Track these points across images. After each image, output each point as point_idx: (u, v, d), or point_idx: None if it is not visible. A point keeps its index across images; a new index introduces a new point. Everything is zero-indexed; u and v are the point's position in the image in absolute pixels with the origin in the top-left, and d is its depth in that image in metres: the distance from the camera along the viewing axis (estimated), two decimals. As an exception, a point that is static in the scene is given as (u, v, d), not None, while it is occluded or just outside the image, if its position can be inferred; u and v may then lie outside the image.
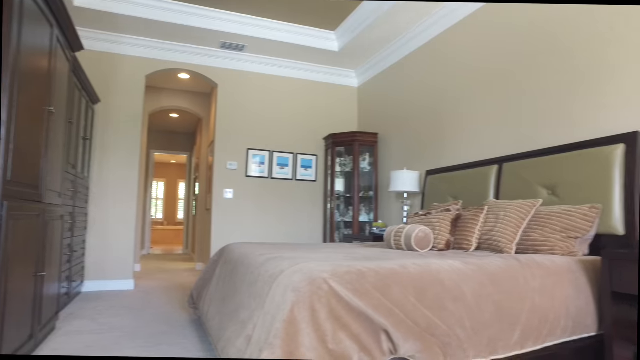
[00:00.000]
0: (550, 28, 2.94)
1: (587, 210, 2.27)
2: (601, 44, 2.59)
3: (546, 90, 2.94)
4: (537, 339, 1.87)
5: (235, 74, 5.25)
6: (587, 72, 2.67)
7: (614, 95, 2.50)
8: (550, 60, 2.92)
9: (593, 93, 2.62)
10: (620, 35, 2.49)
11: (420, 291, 1.62)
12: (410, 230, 2.56)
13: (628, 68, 2.43)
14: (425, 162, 4.20)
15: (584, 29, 2.70)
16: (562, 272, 2.03)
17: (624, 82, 2.45)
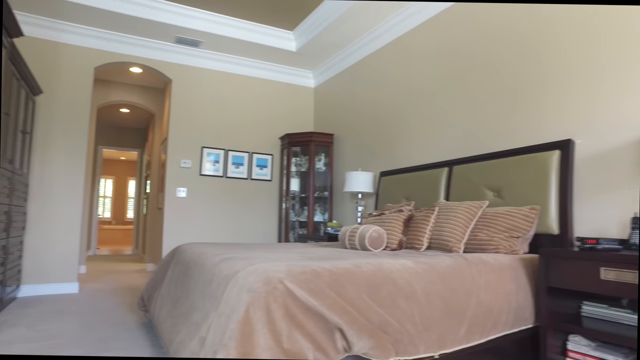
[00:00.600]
0: (497, 40, 3.11)
1: (528, 211, 2.43)
2: (539, 59, 2.78)
3: (493, 98, 3.11)
4: (482, 333, 1.98)
5: (191, 70, 5.13)
6: (527, 83, 2.85)
7: (552, 105, 2.69)
8: (498, 70, 3.09)
9: (534, 103, 2.80)
10: (554, 52, 2.68)
11: (374, 290, 1.67)
12: (364, 231, 2.62)
13: (562, 81, 2.63)
14: (379, 163, 4.30)
15: (526, 44, 2.89)
16: (504, 269, 2.16)
17: (559, 94, 2.65)
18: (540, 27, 2.82)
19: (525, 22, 2.92)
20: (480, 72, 3.23)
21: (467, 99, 3.33)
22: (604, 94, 2.43)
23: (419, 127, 3.83)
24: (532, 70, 2.84)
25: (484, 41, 3.22)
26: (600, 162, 2.42)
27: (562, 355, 2.10)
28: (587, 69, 2.53)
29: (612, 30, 2.43)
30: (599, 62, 2.47)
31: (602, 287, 1.88)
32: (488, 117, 3.14)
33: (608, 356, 1.95)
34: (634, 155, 2.28)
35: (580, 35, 2.58)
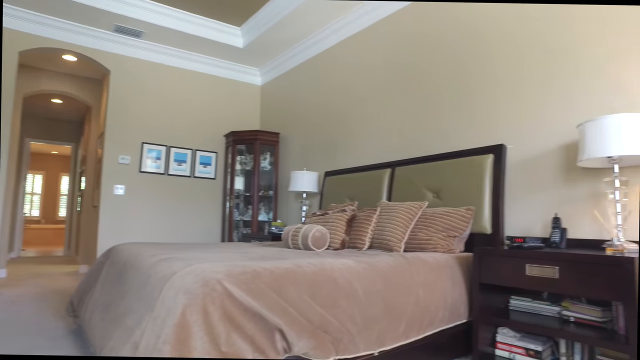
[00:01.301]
0: (435, 51, 3.25)
1: (464, 212, 2.55)
2: (472, 70, 2.94)
3: (433, 103, 3.24)
4: (420, 329, 2.05)
5: (131, 62, 4.88)
6: (463, 91, 3.01)
7: (487, 112, 2.85)
8: (436, 78, 3.24)
9: (469, 109, 2.96)
10: (485, 64, 2.84)
11: (315, 289, 1.67)
12: (307, 230, 2.63)
13: (493, 91, 2.81)
14: (324, 163, 4.34)
15: (460, 56, 3.04)
16: (442, 267, 2.25)
17: (492, 102, 2.82)
18: (472, 39, 3.00)
19: (459, 35, 3.08)
20: (421, 78, 3.36)
21: (410, 103, 3.44)
22: (530, 104, 2.62)
23: (363, 129, 3.90)
24: (466, 79, 3.00)
25: (424, 50, 3.35)
26: (528, 167, 2.60)
27: (492, 347, 2.22)
28: (515, 80, 2.72)
29: (534, 46, 2.61)
30: (523, 76, 2.67)
31: (527, 282, 2.01)
32: (429, 122, 3.26)
33: (530, 345, 2.11)
34: (556, 161, 2.47)
35: (507, 50, 2.77)
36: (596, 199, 2.28)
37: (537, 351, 2.08)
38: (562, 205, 2.40)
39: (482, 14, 2.96)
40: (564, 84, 2.48)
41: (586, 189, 2.33)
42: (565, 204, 2.40)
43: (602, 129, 2.00)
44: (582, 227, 2.32)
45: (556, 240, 2.24)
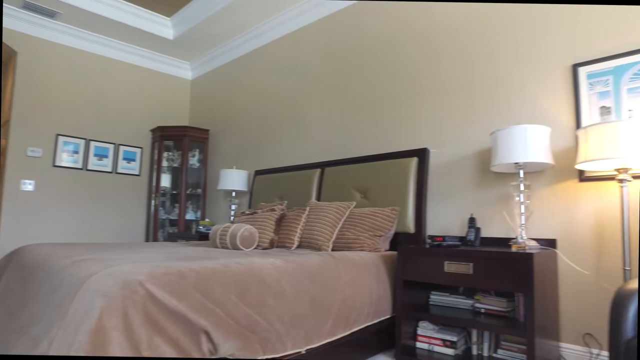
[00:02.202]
0: (369, 56, 3.36)
1: (389, 212, 2.66)
2: (402, 77, 3.09)
3: (362, 106, 3.35)
4: (346, 326, 2.10)
5: (44, 44, 4.45)
6: (394, 96, 3.14)
7: (413, 117, 3.00)
8: (369, 82, 3.34)
9: (395, 114, 3.10)
10: (414, 73, 3.00)
11: (242, 289, 1.65)
12: (235, 229, 2.59)
13: (420, 99, 2.96)
14: (254, 162, 4.29)
15: (394, 64, 3.18)
16: (368, 266, 2.33)
17: (419, 109, 2.97)
18: (400, 48, 3.15)
19: (389, 43, 3.22)
20: (352, 82, 3.45)
21: (340, 105, 3.52)
22: (451, 112, 2.81)
23: (295, 129, 3.92)
24: (395, 86, 3.14)
25: (356, 55, 3.45)
26: (448, 170, 2.78)
27: (413, 340, 2.35)
28: (437, 89, 2.90)
29: (454, 60, 2.81)
30: (444, 86, 2.87)
31: (445, 278, 2.16)
32: (358, 124, 3.36)
33: (446, 336, 2.26)
34: (472, 166, 2.67)
35: (431, 61, 2.96)
36: (505, 201, 2.50)
37: (452, 341, 2.24)
38: (477, 206, 2.60)
39: (410, 26, 3.12)
40: (480, 95, 2.69)
41: (497, 192, 2.55)
42: (479, 205, 2.60)
43: (511, 138, 2.20)
44: (494, 227, 2.53)
45: (471, 239, 2.42)
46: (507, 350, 2.14)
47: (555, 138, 2.30)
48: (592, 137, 1.98)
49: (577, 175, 2.28)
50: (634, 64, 2.15)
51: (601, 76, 2.24)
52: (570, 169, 2.26)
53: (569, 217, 2.29)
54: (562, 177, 2.33)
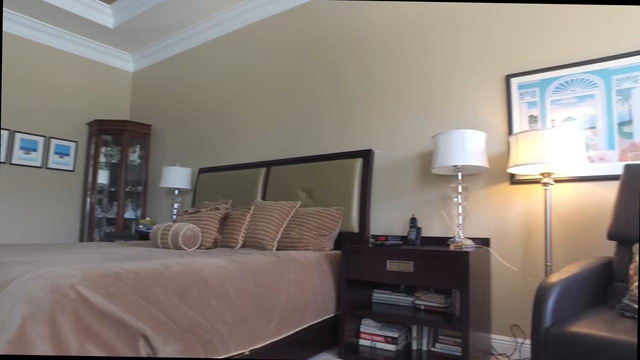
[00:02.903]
0: (318, 57, 3.39)
1: (334, 212, 2.70)
2: (349, 79, 3.15)
3: (312, 106, 3.37)
4: (290, 326, 2.11)
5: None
6: (341, 98, 3.19)
7: (358, 119, 3.07)
8: (317, 83, 3.37)
9: (345, 115, 3.15)
10: (360, 75, 3.07)
11: (184, 290, 1.61)
12: (178, 229, 2.51)
13: (366, 101, 3.03)
14: (198, 159, 4.18)
15: (341, 66, 3.23)
16: (312, 265, 2.35)
17: (364, 111, 3.04)
18: (347, 51, 3.21)
19: (337, 45, 3.26)
20: (300, 82, 3.46)
21: (288, 105, 3.52)
22: (394, 115, 2.90)
23: (241, 127, 3.87)
24: (342, 87, 3.19)
25: (305, 55, 3.47)
26: (392, 171, 2.86)
27: (356, 338, 2.40)
28: (382, 92, 2.98)
29: (398, 65, 2.91)
30: (388, 89, 2.96)
31: (387, 277, 2.22)
32: (305, 124, 3.38)
33: (388, 333, 2.33)
34: (414, 167, 2.77)
35: (375, 65, 3.04)
36: (444, 202, 2.62)
37: (393, 337, 2.32)
38: (419, 207, 2.71)
39: (356, 28, 3.18)
40: (422, 99, 2.80)
41: (437, 193, 2.66)
42: (421, 206, 2.71)
43: (450, 142, 2.31)
44: (434, 226, 2.65)
45: (412, 238, 2.51)
46: (445, 344, 2.25)
47: (490, 143, 2.45)
48: (521, 143, 2.12)
49: (508, 179, 2.44)
50: (556, 79, 2.34)
51: (529, 87, 2.42)
52: (503, 173, 2.42)
53: (501, 218, 2.45)
54: (495, 180, 2.48)
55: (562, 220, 2.26)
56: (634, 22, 2.17)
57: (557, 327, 1.41)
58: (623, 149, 2.15)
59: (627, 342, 1.25)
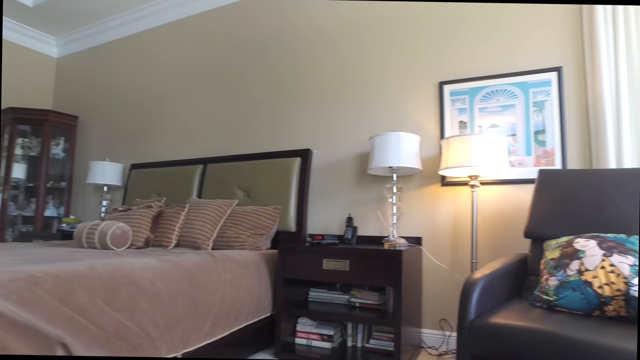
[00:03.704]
0: (258, 54, 3.35)
1: (271, 210, 2.68)
2: (289, 78, 3.15)
3: (251, 104, 3.32)
4: (225, 326, 2.06)
5: None
6: (280, 96, 3.18)
7: (297, 118, 3.08)
8: (256, 80, 3.33)
9: (284, 114, 3.14)
10: (298, 75, 3.09)
11: (111, 293, 1.51)
12: (106, 227, 2.36)
13: (305, 100, 3.05)
14: (131, 154, 3.97)
15: (280, 64, 3.22)
16: (249, 264, 2.32)
17: (303, 110, 3.06)
18: (286, 49, 3.20)
19: (277, 43, 3.24)
20: (240, 79, 3.41)
21: (227, 101, 3.44)
22: (332, 115, 2.96)
23: (177, 122, 3.72)
24: (282, 85, 3.19)
25: (245, 51, 3.41)
26: (329, 171, 2.91)
27: (292, 336, 2.41)
28: (320, 92, 3.02)
29: (337, 65, 2.96)
30: (327, 90, 3.00)
31: (324, 275, 2.25)
32: (244, 122, 3.33)
33: (324, 330, 2.37)
34: (352, 168, 2.84)
35: (313, 65, 3.07)
36: (380, 202, 2.71)
37: (329, 335, 2.35)
38: (355, 206, 2.77)
39: (294, 26, 3.18)
40: (359, 100, 2.87)
41: (373, 193, 2.74)
42: (357, 205, 2.77)
43: (386, 144, 2.39)
44: (370, 226, 2.72)
45: (349, 237, 2.56)
46: (378, 339, 2.32)
47: (424, 146, 2.57)
48: (452, 147, 2.25)
49: (439, 180, 2.57)
50: (484, 88, 2.52)
51: (460, 95, 2.57)
52: (435, 175, 2.54)
53: (432, 217, 2.57)
54: (428, 181, 2.60)
55: (487, 220, 2.43)
56: (548, 41, 2.38)
57: (480, 320, 1.51)
58: (538, 155, 2.36)
59: (536, 329, 1.37)
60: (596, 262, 1.57)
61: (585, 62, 2.29)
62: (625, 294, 1.48)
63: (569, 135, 2.31)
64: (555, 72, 2.36)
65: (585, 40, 2.29)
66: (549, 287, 1.64)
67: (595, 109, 2.22)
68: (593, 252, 1.60)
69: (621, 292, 1.49)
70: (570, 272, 1.61)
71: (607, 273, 1.53)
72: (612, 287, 1.50)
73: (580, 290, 1.55)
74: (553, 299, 1.61)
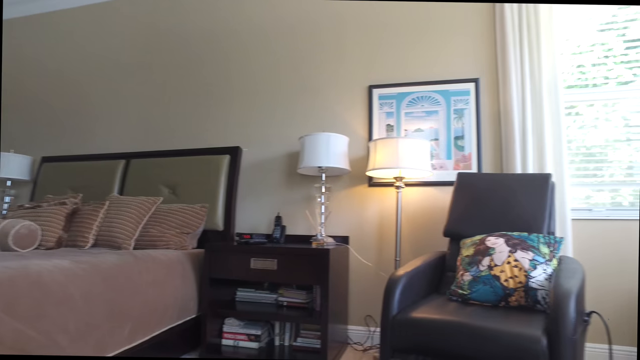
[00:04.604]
0: (186, 47, 3.22)
1: (199, 209, 2.60)
2: (216, 73, 3.07)
3: (180, 97, 3.19)
4: (147, 330, 1.96)
5: None
6: (208, 90, 3.10)
7: (227, 115, 3.02)
8: (185, 73, 3.20)
9: (213, 110, 3.06)
10: (227, 71, 3.03)
11: (12, 300, 1.37)
12: (8, 226, 2.14)
13: (234, 97, 3.00)
14: (41, 146, 3.62)
15: (208, 59, 3.13)
16: (173, 264, 2.22)
17: (233, 107, 3.00)
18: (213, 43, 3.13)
19: (201, 36, 3.15)
20: (168, 70, 3.25)
21: (154, 94, 3.27)
22: (263, 114, 2.94)
23: (97, 112, 3.46)
24: (210, 79, 3.10)
25: (172, 43, 3.26)
26: (259, 169, 2.89)
27: (219, 337, 2.35)
28: (250, 90, 2.99)
29: (267, 59, 2.95)
30: (257, 87, 2.98)
31: (251, 275, 2.23)
32: (171, 116, 3.18)
33: (251, 330, 2.35)
34: (282, 167, 2.84)
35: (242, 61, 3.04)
36: (309, 201, 2.74)
37: (257, 335, 2.33)
38: (284, 206, 2.78)
39: (226, 21, 3.11)
40: (291, 100, 2.88)
41: (302, 193, 2.77)
42: (286, 205, 2.78)
43: (316, 143, 2.42)
44: (298, 225, 2.74)
45: (277, 236, 2.56)
46: (306, 337, 2.34)
47: (353, 147, 2.64)
48: (379, 149, 2.34)
49: (367, 181, 2.66)
50: (410, 94, 2.65)
51: (388, 99, 2.68)
52: (362, 175, 2.63)
53: (359, 217, 2.65)
54: (356, 181, 2.68)
55: (410, 220, 2.56)
56: (468, 54, 2.58)
57: (402, 314, 1.59)
58: (457, 159, 2.54)
59: (450, 321, 1.50)
60: (503, 258, 1.72)
61: (498, 76, 2.50)
62: (525, 286, 1.64)
63: (484, 141, 2.51)
64: (473, 83, 2.55)
65: (498, 56, 2.51)
66: (464, 282, 1.77)
67: (505, 118, 2.44)
68: (501, 249, 1.76)
69: (522, 284, 1.65)
70: (482, 268, 1.74)
71: (511, 267, 1.68)
72: (515, 280, 1.66)
73: (490, 284, 1.69)
74: (467, 292, 1.74)
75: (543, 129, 2.35)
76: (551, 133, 2.35)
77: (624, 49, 2.47)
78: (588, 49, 2.52)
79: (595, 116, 2.48)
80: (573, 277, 1.53)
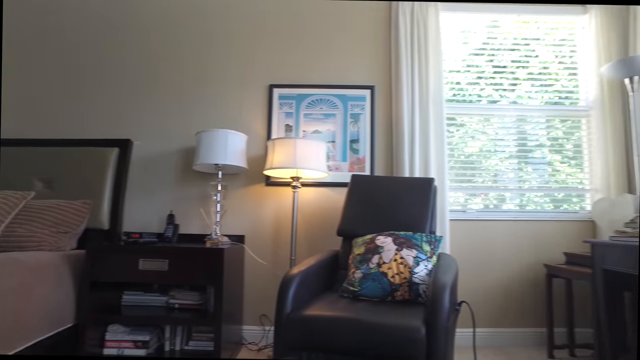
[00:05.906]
0: (82, 24, 2.89)
1: (80, 205, 2.35)
2: (111, 60, 2.82)
3: (63, 79, 2.84)
4: (7, 347, 1.71)
5: None
6: (98, 76, 2.82)
7: (117, 104, 2.77)
8: (78, 53, 2.86)
9: (101, 97, 2.79)
10: (122, 59, 2.81)
11: None
12: None
13: (126, 85, 2.78)
14: None
15: (107, 42, 2.85)
16: (44, 268, 1.97)
17: (123, 96, 2.78)
18: (105, 23, 2.86)
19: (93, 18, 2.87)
20: (53, 51, 2.87)
21: (33, 73, 2.85)
22: (158, 106, 2.77)
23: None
24: (103, 66, 2.82)
25: (64, 22, 2.90)
26: (151, 165, 2.71)
27: (100, 347, 2.15)
28: (145, 80, 2.79)
29: (166, 48, 2.80)
30: (153, 78, 2.79)
31: (140, 276, 2.08)
32: (52, 101, 2.80)
33: (138, 337, 2.19)
34: (176, 163, 2.71)
35: (142, 49, 2.82)
36: (204, 199, 2.65)
37: (144, 341, 2.18)
38: (178, 203, 2.65)
39: (126, 6, 2.86)
40: (189, 94, 2.76)
41: (197, 190, 2.67)
42: (180, 202, 2.65)
43: (213, 140, 2.36)
44: (193, 223, 2.63)
45: (169, 235, 2.43)
46: (198, 340, 2.27)
47: (251, 145, 2.62)
48: (277, 148, 2.36)
49: (264, 180, 2.66)
50: (309, 95, 2.73)
51: (288, 99, 2.71)
52: (260, 174, 2.62)
53: (255, 216, 2.64)
54: (253, 180, 2.66)
55: (306, 219, 2.62)
56: (366, 61, 2.73)
57: (295, 312, 1.62)
58: (352, 161, 2.66)
59: (340, 317, 1.57)
60: (391, 256, 1.85)
61: (392, 85, 2.69)
62: (409, 281, 1.79)
63: (377, 145, 2.68)
64: (369, 90, 2.70)
65: (392, 66, 2.70)
66: (355, 279, 1.86)
67: (397, 125, 2.63)
68: (389, 247, 1.89)
69: (407, 280, 1.79)
70: (371, 265, 1.86)
71: (398, 265, 1.82)
72: (400, 276, 1.80)
73: (378, 280, 1.81)
74: (357, 289, 1.83)
75: (429, 137, 2.59)
76: (434, 141, 2.60)
77: (493, 73, 2.84)
78: (465, 69, 2.85)
79: (474, 128, 2.82)
80: (448, 272, 1.70)
